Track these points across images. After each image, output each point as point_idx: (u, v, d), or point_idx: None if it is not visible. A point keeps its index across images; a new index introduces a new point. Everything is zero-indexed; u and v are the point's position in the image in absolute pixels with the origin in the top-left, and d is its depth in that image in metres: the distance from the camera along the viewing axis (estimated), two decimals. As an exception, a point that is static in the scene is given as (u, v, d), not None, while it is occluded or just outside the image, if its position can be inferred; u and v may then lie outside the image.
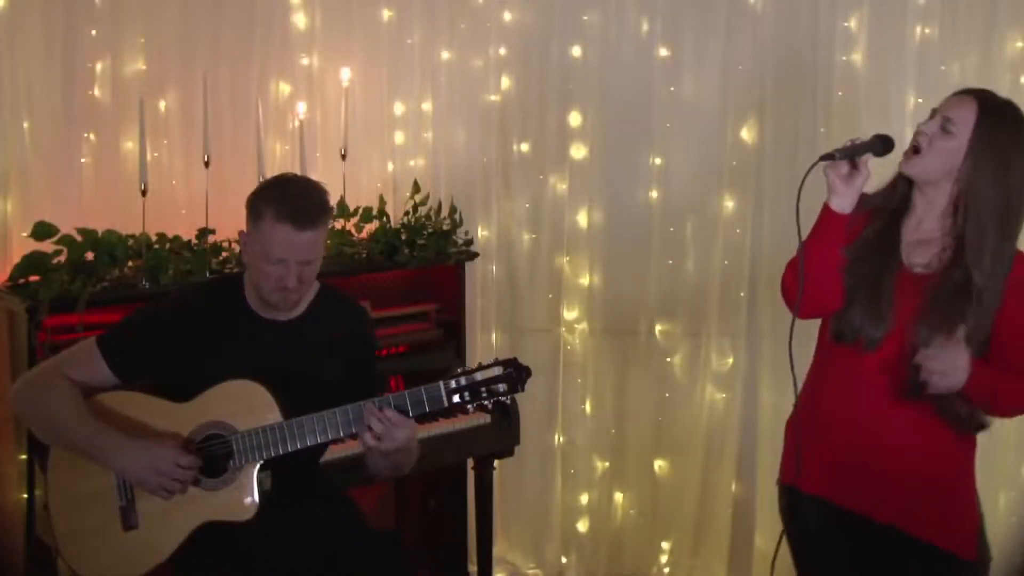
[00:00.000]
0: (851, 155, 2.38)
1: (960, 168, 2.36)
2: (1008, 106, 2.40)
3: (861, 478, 2.44)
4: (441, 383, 2.46)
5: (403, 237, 3.64)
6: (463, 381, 2.46)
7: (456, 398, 2.46)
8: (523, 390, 2.49)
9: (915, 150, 2.40)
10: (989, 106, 2.38)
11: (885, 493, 2.43)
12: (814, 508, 2.51)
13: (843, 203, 2.39)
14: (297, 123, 3.60)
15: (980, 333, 2.36)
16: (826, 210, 2.42)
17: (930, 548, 2.41)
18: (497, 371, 2.46)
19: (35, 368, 2.65)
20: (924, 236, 2.45)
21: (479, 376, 2.46)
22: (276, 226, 2.45)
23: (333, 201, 3.55)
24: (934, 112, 2.43)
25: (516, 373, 2.46)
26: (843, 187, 2.38)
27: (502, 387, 2.46)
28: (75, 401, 2.50)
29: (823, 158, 2.39)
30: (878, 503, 2.44)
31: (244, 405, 2.49)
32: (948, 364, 2.29)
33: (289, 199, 2.47)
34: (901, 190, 2.48)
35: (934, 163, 2.38)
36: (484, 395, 2.46)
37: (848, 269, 2.43)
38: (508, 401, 2.50)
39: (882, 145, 2.41)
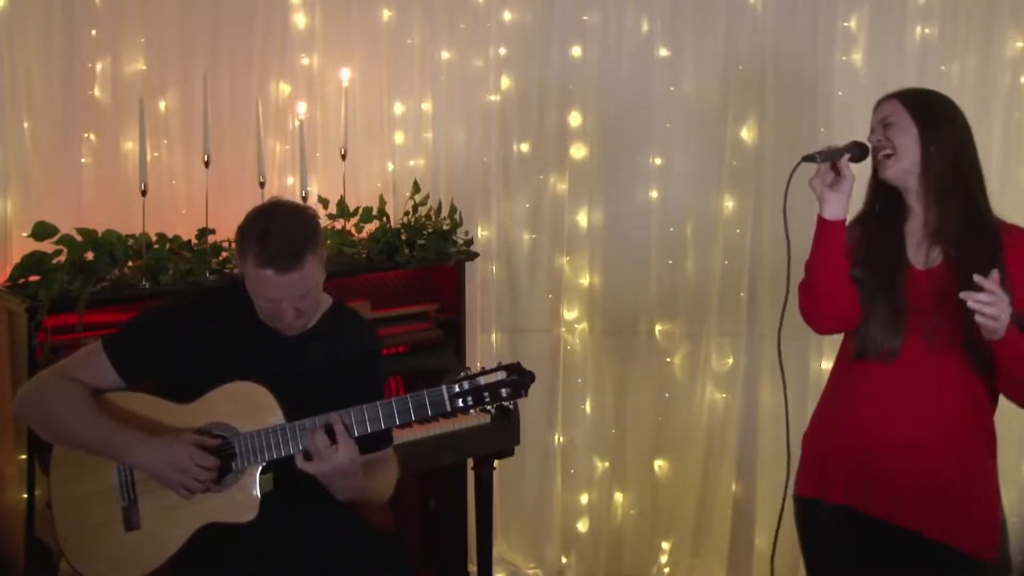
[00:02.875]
0: (831, 157, 2.46)
1: (923, 151, 2.47)
2: (918, 88, 2.59)
3: (883, 483, 2.45)
4: (444, 387, 2.46)
5: (403, 237, 3.64)
6: (466, 385, 2.45)
7: (459, 402, 2.45)
8: (526, 395, 2.48)
9: (887, 156, 2.49)
10: (906, 94, 2.53)
11: (906, 497, 2.44)
12: (836, 518, 2.52)
13: (835, 210, 2.46)
14: (297, 123, 3.60)
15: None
16: (821, 221, 2.47)
17: (950, 550, 2.42)
18: (501, 376, 2.45)
19: (38, 375, 2.63)
20: (923, 233, 2.50)
21: (482, 380, 2.45)
22: (259, 271, 2.41)
23: (333, 201, 3.59)
24: (871, 129, 2.54)
25: (520, 378, 2.46)
26: (832, 195, 2.46)
27: (505, 392, 2.45)
28: (86, 401, 2.50)
29: (805, 159, 2.47)
30: (899, 508, 2.44)
31: (247, 407, 2.49)
32: (1001, 307, 2.27)
33: (270, 242, 2.40)
34: (888, 198, 2.54)
35: (906, 156, 2.47)
36: (487, 399, 2.45)
37: (861, 285, 2.46)
38: (511, 406, 2.50)
39: (859, 150, 2.50)
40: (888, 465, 2.45)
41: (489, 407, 2.47)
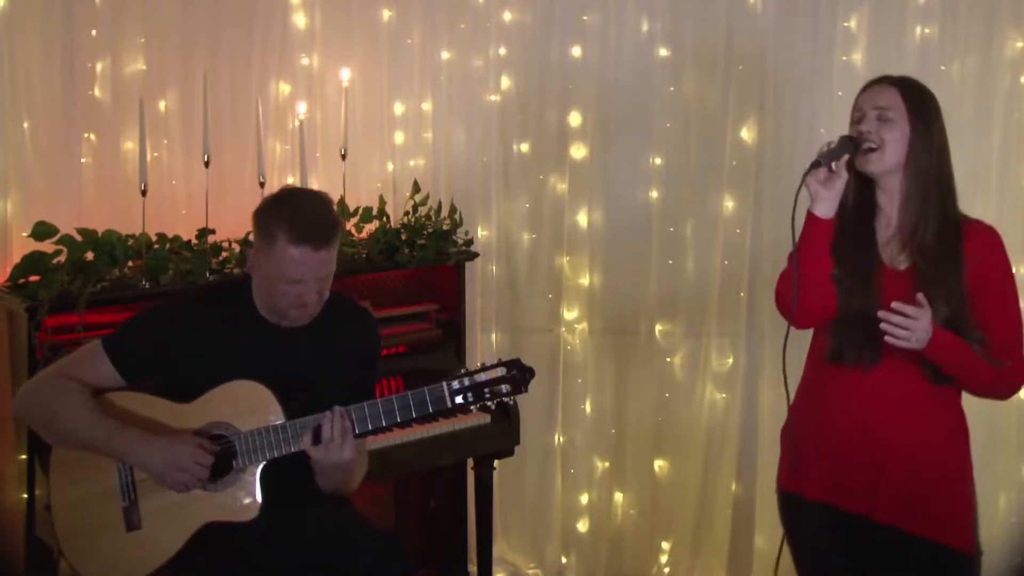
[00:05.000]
0: (833, 158, 2.44)
1: (910, 150, 2.45)
2: (914, 79, 2.54)
3: (861, 480, 2.46)
4: (444, 383, 2.46)
5: (403, 237, 3.64)
6: (466, 382, 2.46)
7: (459, 399, 2.46)
8: (526, 391, 2.49)
9: (871, 150, 2.47)
10: (906, 85, 2.49)
11: (885, 494, 2.45)
12: (816, 513, 2.53)
13: (826, 208, 2.45)
14: (297, 123, 3.60)
15: (954, 304, 2.39)
16: (811, 218, 2.47)
17: (930, 545, 2.43)
18: (500, 372, 2.46)
19: (38, 374, 2.63)
20: (894, 231, 2.50)
21: (482, 377, 2.46)
22: (292, 248, 2.42)
23: (333, 201, 3.59)
24: (860, 111, 2.50)
25: (519, 374, 2.47)
26: (825, 192, 2.45)
27: (505, 388, 2.46)
28: (87, 401, 2.50)
29: (812, 167, 2.44)
30: (878, 504, 2.45)
31: (247, 406, 2.49)
32: (923, 326, 2.33)
33: (302, 220, 2.44)
34: (863, 194, 2.53)
35: (892, 154, 2.46)
36: (487, 396, 2.46)
37: (838, 284, 2.46)
38: (511, 402, 2.50)
39: (853, 146, 2.48)
40: (867, 462, 2.46)
41: (490, 404, 2.48)
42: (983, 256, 2.45)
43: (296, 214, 2.45)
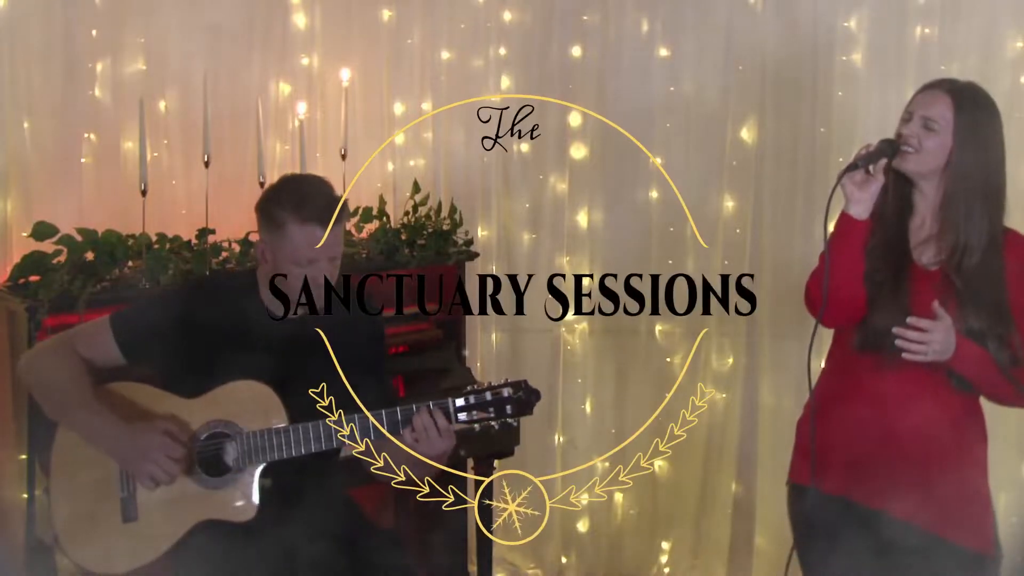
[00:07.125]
0: (871, 162, 2.44)
1: (949, 159, 2.45)
2: (974, 88, 2.52)
3: (880, 476, 2.47)
4: (450, 399, 2.48)
5: (403, 237, 3.64)
6: (472, 400, 2.48)
7: (463, 416, 2.48)
8: (531, 413, 2.51)
9: (907, 151, 2.47)
10: (961, 96, 2.48)
11: (902, 491, 2.44)
12: (831, 508, 2.52)
13: (861, 210, 2.45)
14: (297, 123, 3.60)
15: (984, 316, 2.39)
16: (846, 219, 2.47)
17: (948, 544, 2.44)
18: (507, 392, 2.48)
19: (47, 340, 2.66)
20: (928, 233, 2.51)
21: (489, 396, 2.48)
22: (301, 228, 2.46)
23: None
24: (909, 113, 2.51)
25: (526, 396, 2.49)
26: (860, 194, 2.45)
27: (510, 408, 2.48)
28: (80, 377, 2.51)
29: (848, 169, 2.44)
30: (896, 500, 2.45)
31: (252, 406, 2.50)
32: (939, 339, 2.34)
33: (307, 199, 2.49)
34: (901, 192, 2.52)
35: (927, 159, 2.46)
36: (492, 414, 2.48)
37: (866, 278, 2.46)
38: (515, 423, 2.52)
39: (891, 148, 2.47)
40: (884, 458, 2.46)
41: (493, 423, 2.49)
42: (1018, 269, 2.44)
43: (301, 195, 2.51)
